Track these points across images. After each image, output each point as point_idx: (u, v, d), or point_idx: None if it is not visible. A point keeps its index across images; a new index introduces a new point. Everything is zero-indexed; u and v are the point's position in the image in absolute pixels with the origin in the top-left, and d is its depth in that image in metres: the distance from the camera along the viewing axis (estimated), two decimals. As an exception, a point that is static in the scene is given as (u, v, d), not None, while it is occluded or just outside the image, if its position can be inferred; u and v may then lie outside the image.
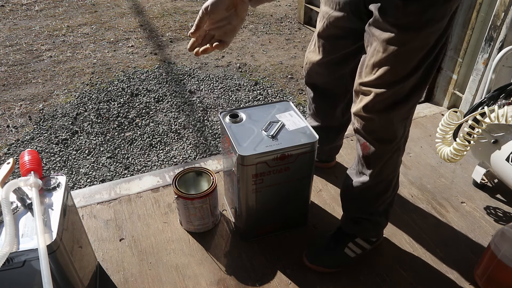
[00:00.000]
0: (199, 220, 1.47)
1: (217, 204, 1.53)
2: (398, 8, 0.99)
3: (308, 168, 1.37)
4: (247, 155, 1.23)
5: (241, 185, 1.32)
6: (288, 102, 1.49)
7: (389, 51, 1.03)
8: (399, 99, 1.09)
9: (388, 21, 1.02)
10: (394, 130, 1.15)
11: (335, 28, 1.26)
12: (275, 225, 1.51)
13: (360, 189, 1.27)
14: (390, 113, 1.11)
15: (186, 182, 1.50)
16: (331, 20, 1.24)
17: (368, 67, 1.09)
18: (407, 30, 1.00)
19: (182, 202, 1.42)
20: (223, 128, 1.36)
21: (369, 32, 1.08)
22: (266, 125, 1.35)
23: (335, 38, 1.29)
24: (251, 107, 1.45)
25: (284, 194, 1.41)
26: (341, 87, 1.45)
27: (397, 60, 1.04)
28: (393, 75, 1.05)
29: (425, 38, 1.01)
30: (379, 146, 1.17)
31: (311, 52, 1.41)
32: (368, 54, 1.09)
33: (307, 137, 1.31)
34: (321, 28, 1.30)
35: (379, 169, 1.22)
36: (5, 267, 0.92)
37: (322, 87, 1.48)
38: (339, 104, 1.52)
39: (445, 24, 1.01)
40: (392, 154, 1.20)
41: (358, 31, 1.16)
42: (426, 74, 1.08)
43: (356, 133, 1.21)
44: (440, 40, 1.04)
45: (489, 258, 1.26)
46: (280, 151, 1.27)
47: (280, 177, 1.33)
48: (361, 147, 1.21)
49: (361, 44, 1.18)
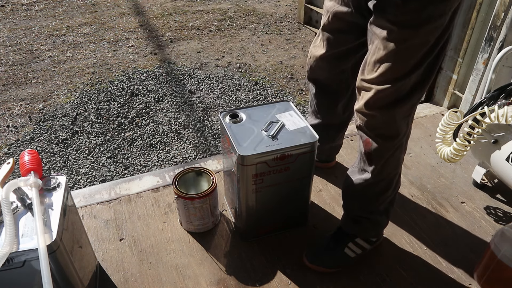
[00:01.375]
0: (199, 220, 1.47)
1: (217, 204, 1.53)
2: (398, 6, 0.99)
3: (308, 168, 1.37)
4: (247, 155, 1.23)
5: (241, 185, 1.32)
6: (288, 102, 1.49)
7: (389, 48, 1.03)
8: (400, 96, 1.10)
9: (388, 19, 1.02)
10: (396, 127, 1.15)
11: (339, 22, 1.27)
12: (275, 225, 1.51)
13: (362, 186, 1.27)
14: (392, 110, 1.11)
15: (186, 182, 1.50)
16: (335, 13, 1.26)
17: (370, 65, 1.10)
18: (406, 28, 1.01)
19: (182, 202, 1.42)
20: (223, 128, 1.36)
21: (370, 30, 1.10)
22: (266, 125, 1.35)
23: (339, 32, 1.30)
24: (251, 107, 1.45)
25: (284, 194, 1.41)
26: (343, 82, 1.45)
27: (398, 57, 1.04)
28: (394, 72, 1.06)
29: (425, 36, 1.02)
30: (382, 143, 1.18)
31: (316, 47, 1.42)
32: (370, 52, 1.10)
33: (307, 137, 1.31)
34: (326, 21, 1.31)
35: (381, 166, 1.22)
36: (5, 267, 0.92)
37: (324, 82, 1.49)
38: (340, 100, 1.52)
39: (445, 22, 1.02)
40: (394, 151, 1.20)
41: (361, 27, 1.17)
42: (427, 72, 1.09)
43: (359, 129, 1.22)
44: (441, 38, 1.04)
45: (489, 258, 1.26)
46: (280, 151, 1.27)
47: (280, 177, 1.33)
48: (363, 143, 1.22)
49: (363, 40, 1.18)
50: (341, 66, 1.40)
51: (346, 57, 1.36)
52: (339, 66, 1.40)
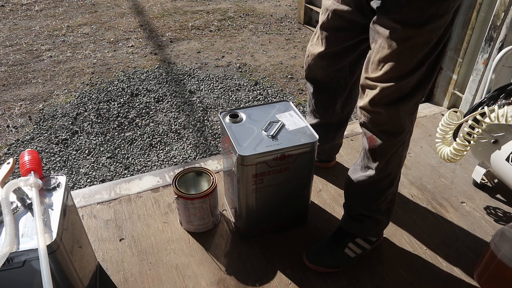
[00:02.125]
0: (199, 220, 1.47)
1: (217, 204, 1.52)
2: (402, 5, 1.01)
3: (308, 168, 1.37)
4: (247, 155, 1.23)
5: (241, 185, 1.32)
6: (288, 102, 1.49)
7: (394, 47, 1.05)
8: (404, 94, 1.11)
9: (392, 18, 1.04)
10: (401, 123, 1.17)
11: (339, 19, 1.28)
12: (275, 225, 1.51)
13: (366, 183, 1.28)
14: (397, 107, 1.13)
15: (186, 182, 1.50)
16: (335, 11, 1.27)
17: (374, 63, 1.11)
18: (410, 26, 1.02)
19: (182, 202, 1.42)
20: (223, 128, 1.36)
21: (373, 29, 1.11)
22: (266, 125, 1.35)
23: (338, 30, 1.31)
24: (251, 107, 1.45)
25: (284, 194, 1.41)
26: (341, 79, 1.46)
27: (402, 56, 1.06)
28: (399, 70, 1.08)
29: (428, 34, 1.03)
30: (386, 139, 1.19)
31: (313, 45, 1.43)
32: (374, 50, 1.12)
33: (307, 137, 1.31)
34: (325, 19, 1.32)
35: (385, 162, 1.23)
36: (5, 267, 0.92)
37: (322, 80, 1.49)
38: (338, 98, 1.53)
39: (448, 21, 1.03)
40: (398, 147, 1.21)
41: (361, 25, 1.19)
42: (430, 71, 1.11)
43: (363, 126, 1.23)
44: (443, 37, 1.06)
45: (489, 258, 1.26)
46: (280, 151, 1.27)
47: (280, 177, 1.33)
48: (368, 140, 1.23)
49: (362, 38, 1.21)
50: (339, 63, 1.41)
51: (345, 54, 1.37)
52: (338, 64, 1.41)
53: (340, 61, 1.40)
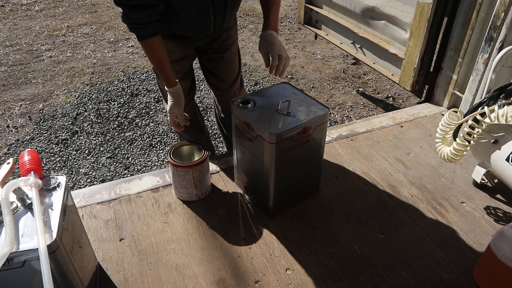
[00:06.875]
0: (183, 188, 1.61)
1: (203, 179, 1.62)
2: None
3: (322, 137, 1.50)
4: (278, 132, 1.32)
5: (270, 164, 1.39)
6: (287, 84, 1.59)
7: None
8: None
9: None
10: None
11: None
12: (296, 198, 1.61)
13: None
14: None
15: (185, 153, 1.65)
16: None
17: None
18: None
19: (170, 168, 1.58)
20: (241, 115, 1.42)
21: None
22: (278, 106, 1.43)
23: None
24: (253, 95, 1.52)
25: (303, 166, 1.51)
26: None
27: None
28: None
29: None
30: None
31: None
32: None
33: (319, 110, 1.44)
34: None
35: None
36: (5, 267, 0.92)
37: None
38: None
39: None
40: None
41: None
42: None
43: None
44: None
45: (489, 258, 1.26)
46: (302, 125, 1.37)
47: (301, 150, 1.44)
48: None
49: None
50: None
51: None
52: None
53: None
